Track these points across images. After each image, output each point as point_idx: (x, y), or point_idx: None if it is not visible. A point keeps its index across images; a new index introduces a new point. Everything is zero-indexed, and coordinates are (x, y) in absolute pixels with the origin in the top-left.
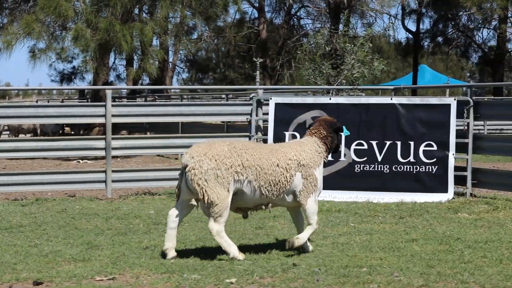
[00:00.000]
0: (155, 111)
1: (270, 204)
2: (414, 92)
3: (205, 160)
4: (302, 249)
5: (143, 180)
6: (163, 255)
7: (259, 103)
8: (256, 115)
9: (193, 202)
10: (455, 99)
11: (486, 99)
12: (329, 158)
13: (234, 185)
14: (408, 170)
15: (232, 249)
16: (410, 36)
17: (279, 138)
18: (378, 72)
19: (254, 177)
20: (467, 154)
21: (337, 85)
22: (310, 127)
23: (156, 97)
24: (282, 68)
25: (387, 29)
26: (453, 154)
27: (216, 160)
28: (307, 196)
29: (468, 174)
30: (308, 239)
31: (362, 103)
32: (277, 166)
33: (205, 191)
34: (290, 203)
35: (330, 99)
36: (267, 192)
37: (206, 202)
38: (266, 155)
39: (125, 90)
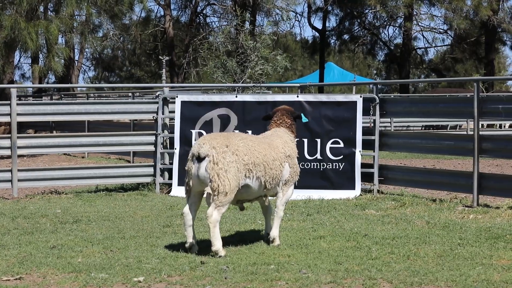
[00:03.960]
0: (61, 110)
1: (267, 195)
2: (320, 90)
3: (228, 152)
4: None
5: (50, 179)
6: (190, 251)
7: (165, 101)
8: (163, 113)
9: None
10: (361, 96)
11: (392, 96)
12: None
13: (244, 180)
14: (315, 167)
15: (218, 243)
16: (317, 34)
17: (185, 136)
18: (281, 69)
19: (262, 173)
20: (374, 151)
21: (242, 82)
22: (272, 118)
23: (62, 95)
24: (189, 66)
25: (285, 19)
26: (359, 151)
27: (237, 155)
28: (290, 184)
29: (375, 171)
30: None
31: (268, 100)
32: (276, 160)
33: (222, 181)
34: (276, 192)
35: (236, 96)
36: (268, 185)
37: (217, 192)
38: (267, 150)
39: (31, 89)
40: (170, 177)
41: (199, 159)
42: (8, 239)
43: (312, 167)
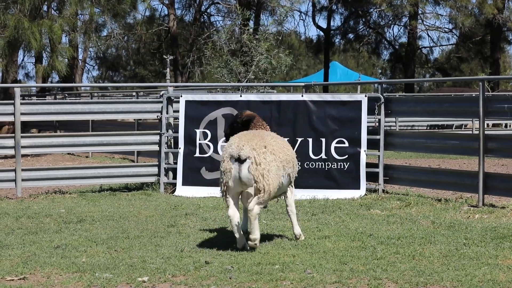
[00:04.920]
0: (65, 109)
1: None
2: (325, 89)
3: (267, 153)
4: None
5: (54, 179)
6: (242, 249)
7: (170, 101)
8: (167, 113)
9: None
10: (366, 96)
11: (397, 96)
12: None
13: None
14: (320, 167)
15: (257, 232)
16: (321, 33)
17: (190, 135)
18: (286, 67)
19: (291, 170)
20: (379, 151)
21: (246, 81)
22: (249, 123)
23: (66, 95)
24: (193, 65)
25: (284, 16)
26: (364, 151)
27: (274, 154)
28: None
29: (380, 170)
30: None
31: (273, 100)
32: (295, 157)
33: (267, 181)
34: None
35: (240, 96)
36: (292, 181)
37: (264, 191)
38: (290, 148)
39: (35, 88)
40: (175, 177)
41: (240, 161)
42: (12, 239)
43: (317, 166)
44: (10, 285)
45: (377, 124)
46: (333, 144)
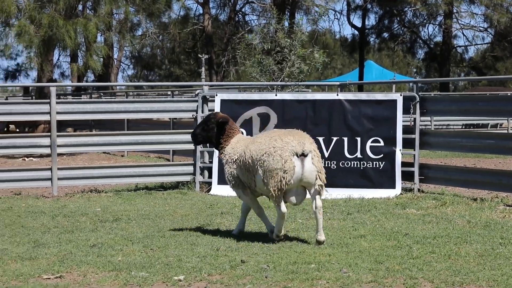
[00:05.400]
0: (100, 108)
1: None
2: (360, 88)
3: (316, 148)
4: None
5: (89, 178)
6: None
7: (205, 100)
8: (202, 112)
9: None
10: (401, 95)
11: (432, 95)
12: None
13: None
14: (355, 166)
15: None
16: (356, 32)
17: None
18: (320, 66)
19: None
20: (414, 150)
21: (280, 81)
22: (224, 125)
23: (102, 94)
24: (228, 65)
25: (320, 16)
26: (400, 150)
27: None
28: None
29: (416, 169)
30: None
31: (308, 99)
32: None
33: (323, 172)
34: None
35: (276, 95)
36: None
37: (323, 183)
38: None
39: (70, 87)
40: (210, 176)
41: (304, 155)
42: (48, 237)
43: (352, 166)
44: (47, 284)
45: (412, 123)
46: (369, 143)
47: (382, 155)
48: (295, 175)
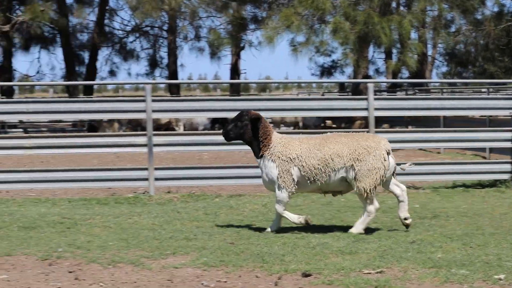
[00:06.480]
0: (417, 105)
1: None
2: None
3: None
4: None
5: (411, 174)
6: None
7: None
8: None
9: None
10: None
11: None
12: None
13: None
14: None
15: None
16: None
17: None
18: None
19: None
20: None
21: None
22: (258, 121)
23: (417, 91)
24: None
25: None
26: None
27: None
28: None
29: None
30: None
31: None
32: None
33: None
34: None
35: None
36: None
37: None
38: None
39: (385, 84)
40: None
41: (389, 153)
42: (368, 232)
43: None
44: (367, 278)
45: None
46: None
47: None
48: (390, 169)
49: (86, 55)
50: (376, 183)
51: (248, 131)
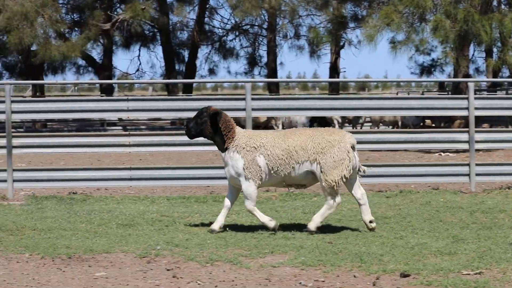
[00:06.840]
0: None
1: None
2: None
3: None
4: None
5: (507, 174)
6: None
7: None
8: None
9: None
10: None
11: None
12: None
13: None
14: None
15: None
16: None
17: None
18: None
19: None
20: None
21: None
22: (216, 116)
23: None
24: None
25: None
26: None
27: None
28: None
29: None
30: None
31: None
32: None
33: None
34: None
35: None
36: None
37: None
38: None
39: (485, 83)
40: None
41: (354, 148)
42: (466, 233)
43: None
44: (466, 279)
45: None
46: None
47: None
48: (354, 165)
49: (186, 53)
50: (342, 173)
51: (208, 127)
